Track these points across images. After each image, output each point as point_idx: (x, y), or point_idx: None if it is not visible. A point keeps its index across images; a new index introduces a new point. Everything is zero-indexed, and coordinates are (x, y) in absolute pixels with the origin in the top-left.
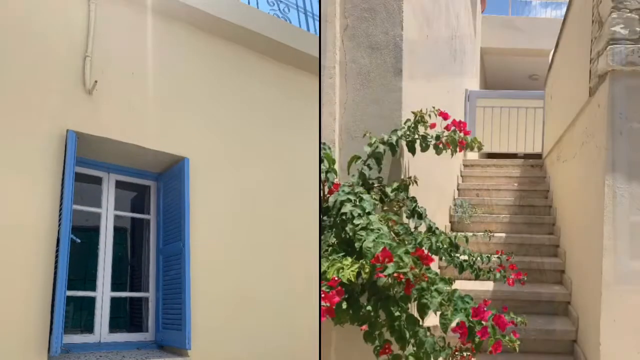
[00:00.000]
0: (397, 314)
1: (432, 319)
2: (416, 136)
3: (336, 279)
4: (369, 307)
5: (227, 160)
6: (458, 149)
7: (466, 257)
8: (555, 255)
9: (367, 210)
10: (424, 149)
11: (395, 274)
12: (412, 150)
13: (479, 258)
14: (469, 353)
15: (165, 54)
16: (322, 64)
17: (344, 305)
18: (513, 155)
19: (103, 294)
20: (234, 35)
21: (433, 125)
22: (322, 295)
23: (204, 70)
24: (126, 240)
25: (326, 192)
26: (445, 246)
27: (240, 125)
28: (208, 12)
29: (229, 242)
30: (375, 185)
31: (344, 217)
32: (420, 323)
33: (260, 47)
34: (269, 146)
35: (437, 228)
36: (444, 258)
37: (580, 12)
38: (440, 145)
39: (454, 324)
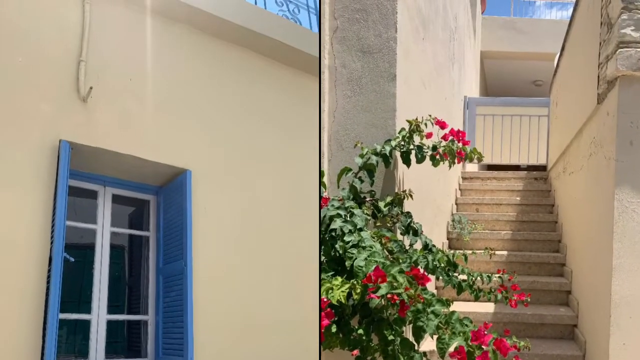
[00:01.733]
0: (390, 337)
1: (428, 343)
2: (411, 146)
3: (325, 300)
4: (360, 331)
5: (231, 172)
6: (456, 161)
7: (465, 277)
8: (561, 274)
9: (358, 227)
10: (420, 160)
11: (388, 295)
12: (406, 161)
13: (478, 278)
14: None
15: (165, 57)
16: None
17: (334, 329)
18: (515, 167)
19: (99, 317)
20: (238, 38)
21: (429, 135)
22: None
23: (207, 75)
24: (123, 259)
25: None
26: (442, 265)
27: (245, 134)
28: (211, 13)
29: (234, 261)
30: (367, 199)
31: (333, 233)
32: (416, 348)
33: (267, 50)
34: (276, 156)
35: (433, 245)
36: (441, 278)
37: (587, 13)
38: (437, 157)
39: (452, 349)
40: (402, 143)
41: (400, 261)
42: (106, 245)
